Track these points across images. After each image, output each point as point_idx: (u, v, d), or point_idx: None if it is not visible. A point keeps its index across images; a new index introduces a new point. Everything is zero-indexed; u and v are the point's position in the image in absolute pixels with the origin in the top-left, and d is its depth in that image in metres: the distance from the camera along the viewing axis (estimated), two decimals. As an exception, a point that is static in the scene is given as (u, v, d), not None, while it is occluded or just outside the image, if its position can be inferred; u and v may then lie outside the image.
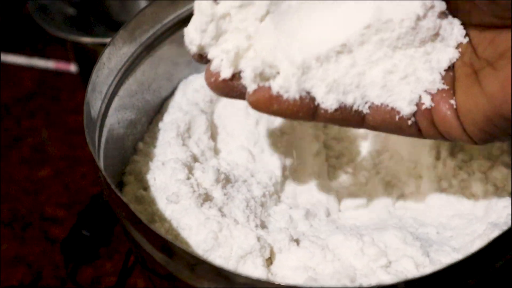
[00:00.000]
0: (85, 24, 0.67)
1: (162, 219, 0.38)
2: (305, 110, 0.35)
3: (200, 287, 0.34)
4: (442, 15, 0.35)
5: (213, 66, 0.35)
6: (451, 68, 0.36)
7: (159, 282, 0.39)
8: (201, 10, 0.35)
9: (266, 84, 0.35)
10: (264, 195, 0.44)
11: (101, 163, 0.37)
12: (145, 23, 0.44)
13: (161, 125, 0.47)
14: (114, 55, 0.42)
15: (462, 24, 0.36)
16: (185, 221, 0.38)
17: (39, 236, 0.61)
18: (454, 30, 0.36)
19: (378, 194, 0.46)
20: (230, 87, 0.36)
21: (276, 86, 0.34)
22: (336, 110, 0.35)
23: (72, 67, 0.73)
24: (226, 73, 0.35)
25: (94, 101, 0.39)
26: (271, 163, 0.47)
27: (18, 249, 0.60)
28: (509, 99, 0.32)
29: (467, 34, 0.36)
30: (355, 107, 0.36)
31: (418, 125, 0.37)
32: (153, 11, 0.45)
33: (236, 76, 0.35)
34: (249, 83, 0.35)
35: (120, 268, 0.56)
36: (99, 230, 0.60)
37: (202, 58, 0.36)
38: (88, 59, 0.69)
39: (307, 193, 0.46)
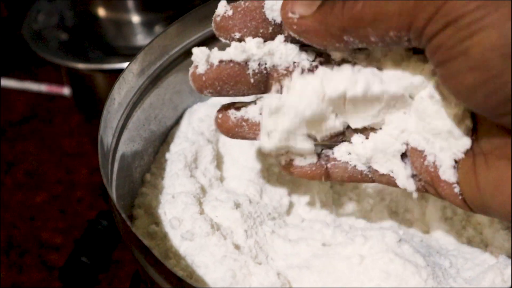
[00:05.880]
0: (79, 49, 0.67)
1: (177, 255, 0.38)
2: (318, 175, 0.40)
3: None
4: None
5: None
6: None
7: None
8: None
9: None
10: (273, 223, 0.44)
11: (114, 199, 0.37)
12: (153, 55, 0.44)
13: (168, 155, 0.46)
14: (123, 90, 0.42)
15: None
16: (200, 259, 0.38)
17: (37, 263, 0.60)
18: None
19: (383, 221, 0.46)
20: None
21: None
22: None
23: (66, 90, 0.73)
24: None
25: (106, 138, 0.39)
26: (277, 191, 0.47)
27: (16, 277, 0.59)
28: (501, 203, 0.31)
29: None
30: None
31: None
32: (161, 43, 0.44)
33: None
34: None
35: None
36: (98, 257, 0.60)
37: None
38: (83, 83, 0.69)
39: (313, 221, 0.47)
